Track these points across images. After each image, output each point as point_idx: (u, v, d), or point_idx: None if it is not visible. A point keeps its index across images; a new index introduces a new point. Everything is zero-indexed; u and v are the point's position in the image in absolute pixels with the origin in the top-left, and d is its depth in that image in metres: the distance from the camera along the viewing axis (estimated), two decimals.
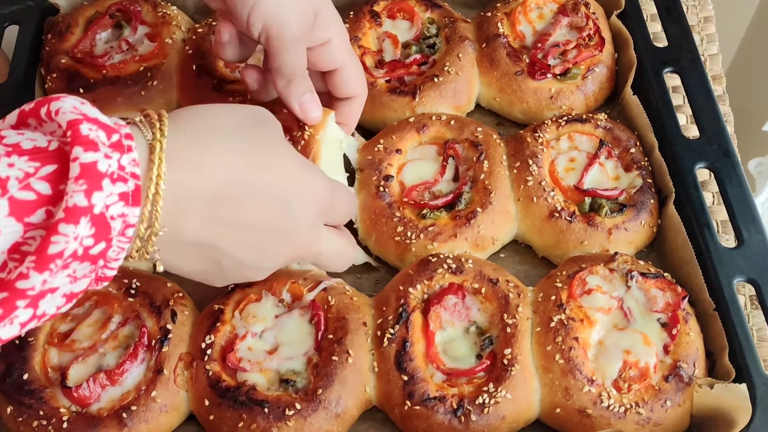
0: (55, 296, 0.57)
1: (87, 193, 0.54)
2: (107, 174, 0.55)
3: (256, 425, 0.76)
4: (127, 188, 0.57)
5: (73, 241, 0.54)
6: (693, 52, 1.00)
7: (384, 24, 1.05)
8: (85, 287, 0.59)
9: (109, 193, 0.56)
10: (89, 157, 0.54)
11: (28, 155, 0.55)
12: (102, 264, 0.59)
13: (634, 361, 0.79)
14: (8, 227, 0.53)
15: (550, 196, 0.90)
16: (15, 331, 0.56)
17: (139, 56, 1.01)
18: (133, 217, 0.58)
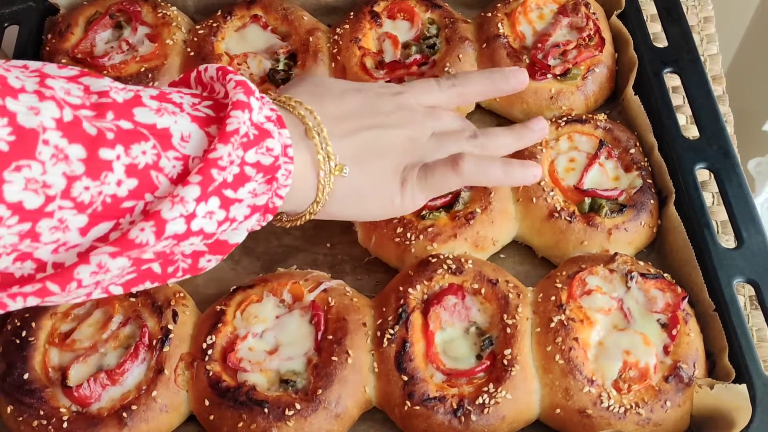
0: (241, 206, 0.67)
1: (246, 94, 0.66)
2: (254, 94, 0.68)
3: (256, 425, 0.77)
4: (272, 114, 0.69)
5: (243, 124, 0.64)
6: (693, 53, 1.00)
7: (384, 24, 1.05)
8: (263, 203, 0.69)
9: (260, 106, 0.68)
10: (240, 78, 0.68)
11: (191, 95, 0.69)
12: (275, 186, 0.69)
13: (634, 361, 0.79)
14: (196, 131, 0.65)
15: (550, 197, 0.90)
16: (213, 228, 0.65)
17: (139, 57, 1.01)
18: (287, 138, 0.69)
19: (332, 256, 0.93)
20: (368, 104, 0.81)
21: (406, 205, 0.81)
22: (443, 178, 0.80)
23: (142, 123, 0.62)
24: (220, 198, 0.64)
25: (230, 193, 0.65)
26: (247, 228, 0.70)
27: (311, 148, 0.73)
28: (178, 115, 0.65)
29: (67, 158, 0.58)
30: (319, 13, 1.10)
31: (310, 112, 0.75)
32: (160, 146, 0.62)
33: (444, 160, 0.80)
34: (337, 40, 1.03)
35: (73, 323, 0.83)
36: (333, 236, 0.95)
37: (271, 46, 1.03)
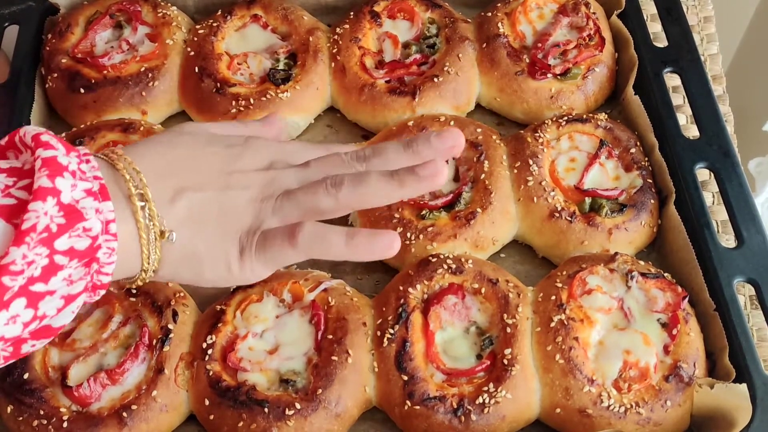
0: (53, 298, 0.61)
1: (50, 177, 0.60)
2: (68, 168, 0.61)
3: (256, 425, 0.77)
4: (92, 186, 0.63)
5: (43, 216, 0.58)
6: (693, 52, 1.00)
7: (384, 24, 1.05)
8: (81, 290, 0.63)
9: (73, 185, 0.61)
10: (49, 153, 0.61)
11: (7, 173, 0.62)
12: (96, 268, 0.63)
13: (634, 361, 0.79)
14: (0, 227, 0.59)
15: (551, 197, 0.90)
16: (18, 331, 0.60)
17: (139, 57, 1.01)
18: (109, 212, 0.63)
19: None
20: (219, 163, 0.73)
21: (245, 275, 0.73)
22: (280, 251, 0.71)
23: None
24: (27, 296, 0.59)
25: (40, 287, 0.59)
26: (71, 311, 0.64)
27: (134, 214, 0.67)
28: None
29: None
30: (319, 13, 1.10)
31: (137, 172, 0.68)
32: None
33: (282, 231, 0.71)
34: (337, 39, 1.03)
35: (73, 323, 0.82)
36: None
37: (271, 46, 1.03)
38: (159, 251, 0.69)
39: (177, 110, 1.04)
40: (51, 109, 1.04)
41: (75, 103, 1.00)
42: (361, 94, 0.99)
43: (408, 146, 0.75)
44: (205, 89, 0.99)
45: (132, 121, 0.96)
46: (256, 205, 0.72)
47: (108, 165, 0.69)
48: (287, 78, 1.01)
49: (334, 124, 1.04)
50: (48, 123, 1.03)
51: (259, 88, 1.00)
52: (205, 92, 0.99)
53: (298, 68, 1.01)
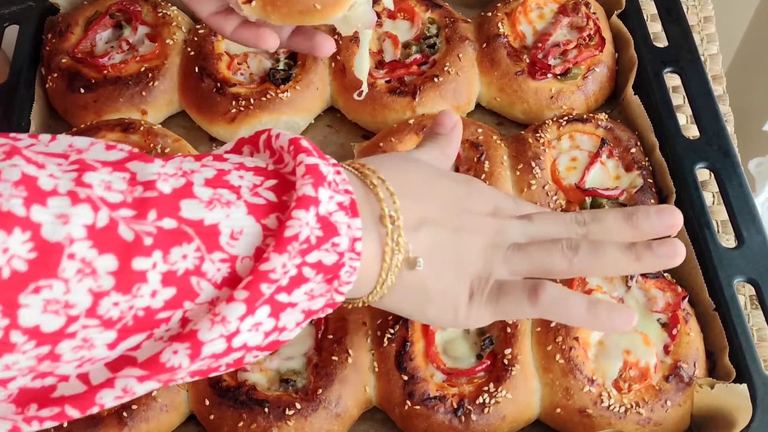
0: (294, 311, 0.59)
1: (314, 186, 0.58)
2: (327, 179, 0.59)
3: (256, 425, 0.77)
4: (344, 200, 0.60)
5: (305, 226, 0.56)
6: (693, 52, 1.00)
7: (384, 24, 1.05)
8: (321, 306, 0.62)
9: (330, 196, 0.59)
10: (312, 160, 0.59)
11: (253, 171, 0.60)
12: (336, 285, 0.61)
13: (634, 361, 0.79)
14: (250, 226, 0.57)
15: (553, 201, 0.90)
16: (259, 340, 0.59)
17: (139, 57, 1.01)
18: (357, 230, 0.60)
19: None
20: (452, 199, 0.71)
21: (470, 320, 0.70)
22: (517, 306, 0.68)
23: (188, 219, 0.55)
24: (271, 305, 0.57)
25: (284, 298, 0.58)
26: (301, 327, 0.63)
27: (382, 236, 0.64)
28: (232, 205, 0.56)
29: (94, 272, 0.51)
30: None
31: (390, 194, 0.65)
32: (205, 248, 0.55)
33: (522, 286, 0.68)
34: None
35: None
36: None
37: None
38: (394, 278, 0.66)
39: (177, 110, 1.04)
40: (51, 109, 1.04)
41: (75, 103, 1.00)
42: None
43: (628, 218, 0.73)
44: (205, 89, 0.99)
45: (132, 121, 0.96)
46: (487, 251, 0.70)
47: (358, 179, 0.66)
48: (287, 78, 1.01)
49: (334, 124, 1.04)
50: (48, 123, 1.03)
51: (259, 88, 1.00)
52: (205, 92, 0.99)
53: (298, 68, 1.01)
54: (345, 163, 0.68)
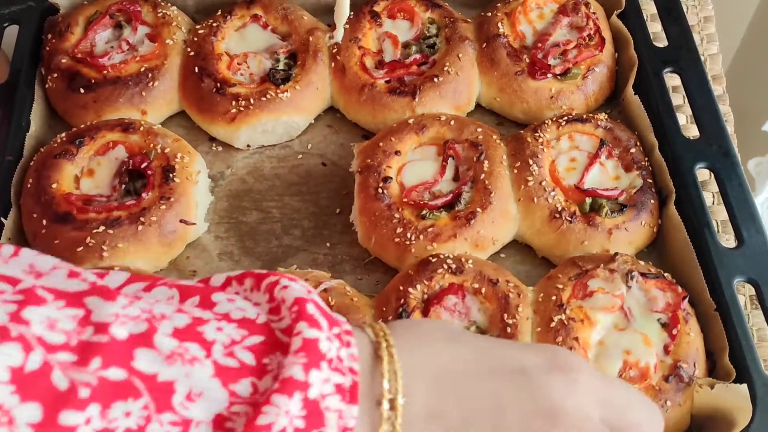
0: None
1: (305, 368, 0.50)
2: (326, 357, 0.51)
3: None
4: (344, 381, 0.52)
5: (284, 415, 0.49)
6: (693, 52, 1.00)
7: (384, 24, 1.05)
8: None
9: (326, 378, 0.51)
10: (313, 334, 0.51)
11: (237, 323, 0.52)
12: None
13: (634, 361, 0.79)
14: (213, 391, 0.49)
15: (551, 197, 0.90)
16: None
17: (139, 57, 1.01)
18: (351, 419, 0.52)
19: (332, 256, 0.93)
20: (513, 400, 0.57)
21: None
22: None
23: (140, 372, 0.48)
24: None
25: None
26: None
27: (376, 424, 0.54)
28: (196, 363, 0.49)
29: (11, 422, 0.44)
30: (319, 13, 1.10)
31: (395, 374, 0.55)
32: (154, 406, 0.47)
33: None
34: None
35: None
36: (333, 236, 0.95)
37: (271, 46, 1.03)
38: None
39: (177, 110, 1.04)
40: (51, 109, 1.04)
41: (75, 103, 1.00)
42: (361, 94, 0.99)
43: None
44: (205, 89, 0.99)
45: (132, 121, 0.96)
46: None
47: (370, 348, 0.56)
48: (287, 78, 1.01)
49: (334, 124, 1.04)
50: (48, 123, 1.03)
51: (259, 88, 0.99)
52: (205, 92, 0.99)
53: (298, 68, 1.01)
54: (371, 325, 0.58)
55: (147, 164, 0.92)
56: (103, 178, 0.92)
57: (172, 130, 1.00)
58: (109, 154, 0.94)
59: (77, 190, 0.91)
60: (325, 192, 0.98)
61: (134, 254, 0.88)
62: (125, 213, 0.89)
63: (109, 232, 0.87)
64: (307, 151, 1.02)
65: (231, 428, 0.49)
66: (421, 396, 0.55)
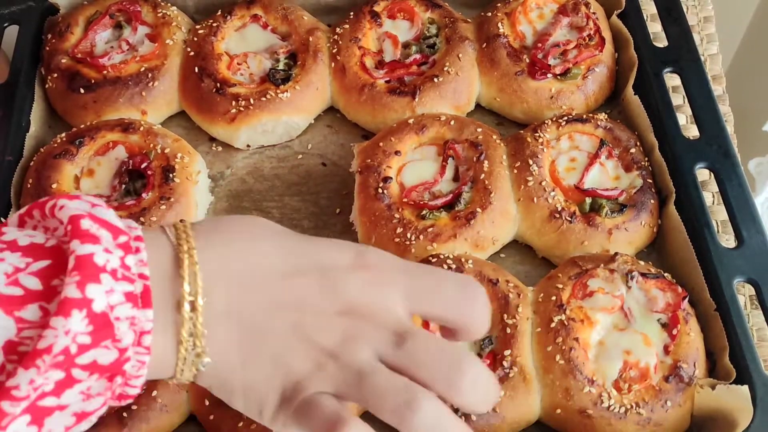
0: (64, 414, 0.52)
1: (79, 285, 0.50)
2: (106, 269, 0.52)
3: (256, 425, 0.77)
4: (134, 289, 0.53)
5: (63, 336, 0.49)
6: (693, 52, 1.00)
7: (384, 24, 1.05)
8: (99, 406, 0.54)
9: (110, 289, 0.51)
10: (86, 250, 0.51)
11: (22, 251, 0.53)
12: (121, 381, 0.54)
13: (634, 361, 0.79)
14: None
15: (551, 197, 0.90)
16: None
17: (139, 57, 1.01)
18: (147, 322, 0.53)
19: None
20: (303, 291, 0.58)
21: (275, 426, 0.59)
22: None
23: None
24: (32, 413, 0.50)
25: (51, 402, 0.51)
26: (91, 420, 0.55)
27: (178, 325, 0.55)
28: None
29: None
30: (319, 13, 1.10)
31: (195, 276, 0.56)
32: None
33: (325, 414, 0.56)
34: (337, 39, 1.03)
35: None
36: (333, 236, 0.95)
37: (271, 46, 1.03)
38: (191, 373, 0.57)
39: (177, 110, 1.04)
40: (51, 109, 1.04)
41: (75, 103, 1.00)
42: (361, 94, 0.99)
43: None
44: (205, 89, 0.99)
45: (132, 121, 0.96)
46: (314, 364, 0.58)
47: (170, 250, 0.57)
48: (287, 78, 1.01)
49: (334, 124, 1.04)
50: (48, 123, 1.03)
51: (259, 88, 1.00)
52: (205, 92, 0.99)
53: (298, 68, 1.01)
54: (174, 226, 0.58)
55: (147, 164, 0.92)
56: (103, 178, 0.93)
57: (172, 130, 1.00)
58: (109, 154, 0.94)
59: (77, 190, 0.91)
60: (325, 192, 0.98)
61: None
62: (125, 213, 0.89)
63: None
64: (307, 151, 1.02)
65: (24, 352, 0.50)
66: (221, 295, 0.56)
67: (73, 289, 0.50)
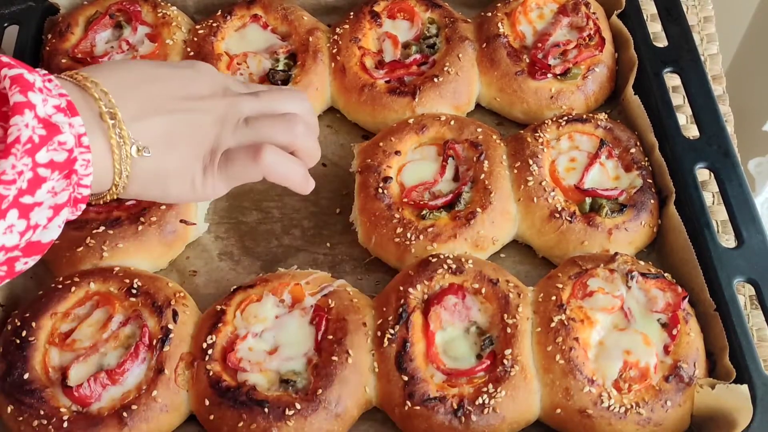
0: (42, 209, 0.65)
1: (22, 92, 0.63)
2: (35, 86, 0.64)
3: (256, 425, 0.77)
4: (60, 102, 0.66)
5: (25, 128, 0.62)
6: (693, 52, 1.00)
7: (384, 24, 1.05)
8: (66, 200, 0.67)
9: (44, 99, 0.64)
10: (15, 71, 0.64)
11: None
12: (76, 179, 0.67)
13: (634, 361, 0.79)
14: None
15: (551, 197, 0.90)
16: (15, 240, 0.64)
17: (139, 57, 1.01)
18: (80, 127, 0.67)
19: (332, 256, 0.93)
20: (177, 85, 0.78)
21: (207, 192, 0.78)
22: (243, 169, 0.78)
23: None
24: (18, 208, 0.63)
25: (28, 200, 0.64)
26: (58, 225, 0.69)
27: (105, 131, 0.71)
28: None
29: None
30: (319, 13, 1.10)
31: (104, 93, 0.72)
32: None
33: (245, 150, 0.78)
34: (337, 40, 1.03)
35: (74, 323, 0.83)
36: (333, 236, 0.95)
37: (271, 46, 1.03)
38: (130, 167, 0.73)
39: None
40: None
41: None
42: (361, 95, 0.99)
43: None
44: None
45: None
46: (216, 127, 0.78)
47: (74, 85, 0.72)
48: (287, 78, 1.00)
49: (333, 124, 1.04)
50: None
51: None
52: None
53: (297, 68, 1.01)
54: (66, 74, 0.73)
55: None
56: None
57: None
58: None
59: None
60: (325, 192, 0.98)
61: (134, 254, 0.88)
62: (125, 213, 0.89)
63: (109, 232, 0.87)
64: None
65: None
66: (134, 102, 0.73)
67: (18, 96, 0.63)
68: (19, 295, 0.88)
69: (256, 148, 0.77)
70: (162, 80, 0.78)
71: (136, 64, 0.81)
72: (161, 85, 0.77)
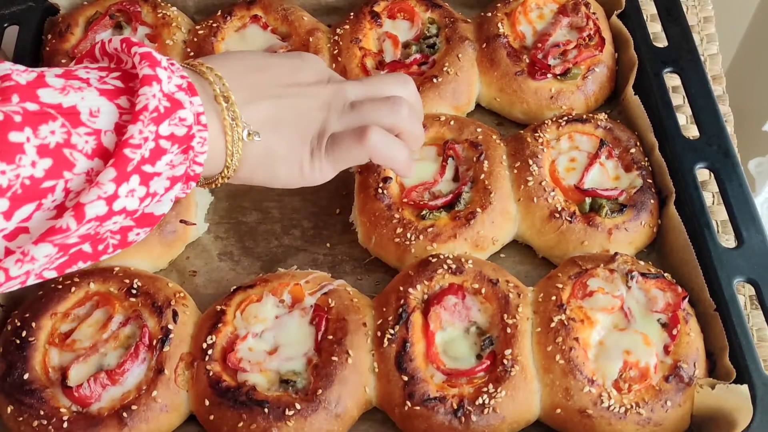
0: (161, 179, 0.69)
1: (150, 67, 0.67)
2: (162, 64, 0.69)
3: (256, 425, 0.77)
4: (182, 82, 0.70)
5: (152, 98, 0.66)
6: (693, 52, 1.00)
7: (384, 24, 1.05)
8: (182, 173, 0.71)
9: (168, 76, 0.68)
10: (145, 49, 0.69)
11: (97, 69, 0.70)
12: (192, 155, 0.70)
13: (634, 361, 0.79)
14: (105, 105, 0.66)
15: (551, 197, 0.90)
16: (135, 205, 0.67)
17: None
18: (199, 106, 0.71)
19: (332, 256, 0.93)
20: (284, 73, 0.81)
21: (315, 175, 0.81)
22: (349, 152, 0.80)
23: (48, 103, 0.63)
24: (140, 175, 0.66)
25: (149, 168, 0.67)
26: (170, 198, 0.72)
27: (219, 112, 0.74)
28: (84, 90, 0.66)
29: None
30: (319, 13, 1.10)
31: (219, 78, 0.75)
32: (69, 124, 0.63)
33: (351, 133, 0.80)
34: (338, 40, 1.03)
35: (73, 323, 0.83)
36: (333, 236, 0.95)
37: (271, 47, 1.03)
38: (241, 150, 0.76)
39: None
40: None
41: None
42: None
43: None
44: None
45: None
46: (322, 112, 0.81)
47: (191, 71, 0.75)
48: None
49: None
50: None
51: None
52: None
53: None
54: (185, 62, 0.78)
55: None
56: None
57: None
58: None
59: None
60: (325, 192, 0.98)
61: (134, 254, 0.88)
62: None
63: None
64: None
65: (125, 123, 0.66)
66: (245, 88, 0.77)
67: (147, 69, 0.67)
68: (19, 295, 0.88)
69: (362, 129, 0.79)
70: (271, 68, 0.81)
71: (247, 54, 0.85)
72: (270, 73, 0.80)
